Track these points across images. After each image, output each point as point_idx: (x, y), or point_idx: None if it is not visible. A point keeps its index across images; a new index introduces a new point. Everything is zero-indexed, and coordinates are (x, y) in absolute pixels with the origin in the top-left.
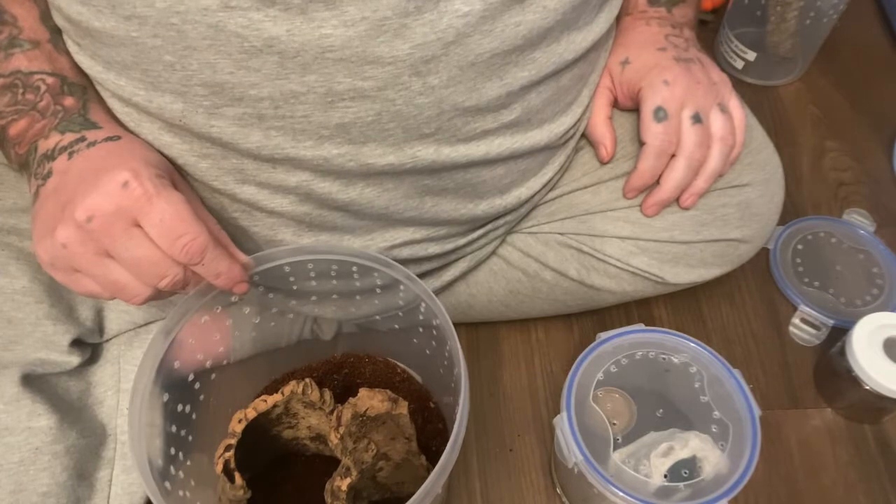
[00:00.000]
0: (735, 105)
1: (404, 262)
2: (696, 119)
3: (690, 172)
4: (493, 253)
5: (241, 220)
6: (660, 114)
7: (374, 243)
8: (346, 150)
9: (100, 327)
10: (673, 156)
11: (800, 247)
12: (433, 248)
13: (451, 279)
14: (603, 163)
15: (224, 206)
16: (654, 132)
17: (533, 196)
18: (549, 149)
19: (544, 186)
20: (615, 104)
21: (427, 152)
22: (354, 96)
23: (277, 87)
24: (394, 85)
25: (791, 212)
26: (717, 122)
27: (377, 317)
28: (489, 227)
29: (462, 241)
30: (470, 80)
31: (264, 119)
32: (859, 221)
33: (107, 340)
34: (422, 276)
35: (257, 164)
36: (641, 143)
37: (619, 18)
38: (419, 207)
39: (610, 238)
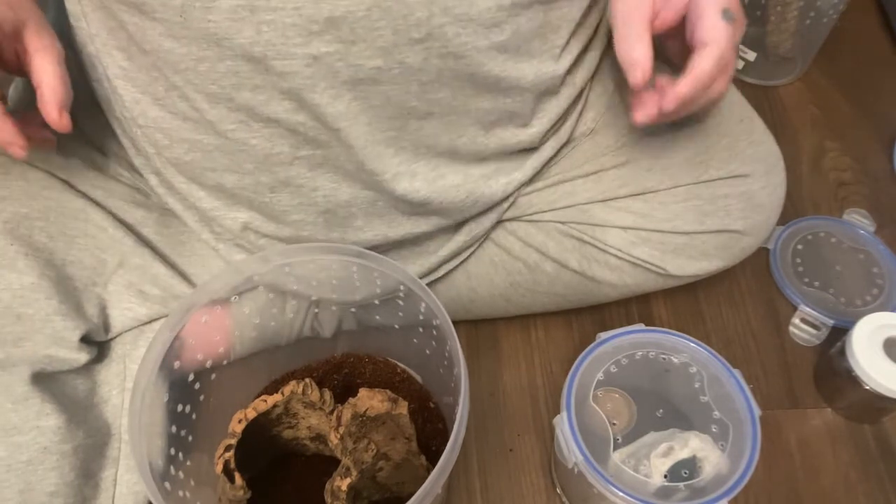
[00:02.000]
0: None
1: (399, 201)
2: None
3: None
4: (494, 242)
5: (239, 132)
6: (728, 14)
7: (363, 166)
8: (335, 48)
9: (105, 324)
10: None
11: (800, 247)
12: (419, 183)
13: (449, 255)
14: (636, 88)
15: (222, 117)
16: (723, 32)
17: (519, 151)
18: (536, 93)
19: (533, 153)
20: (653, 26)
21: (415, 60)
22: None
23: None
24: None
25: (791, 212)
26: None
27: (376, 301)
28: (478, 179)
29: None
30: None
31: (256, 11)
32: (859, 221)
33: (112, 339)
34: (419, 247)
35: (251, 66)
36: (694, 48)
37: None
38: (403, 128)
39: (611, 228)
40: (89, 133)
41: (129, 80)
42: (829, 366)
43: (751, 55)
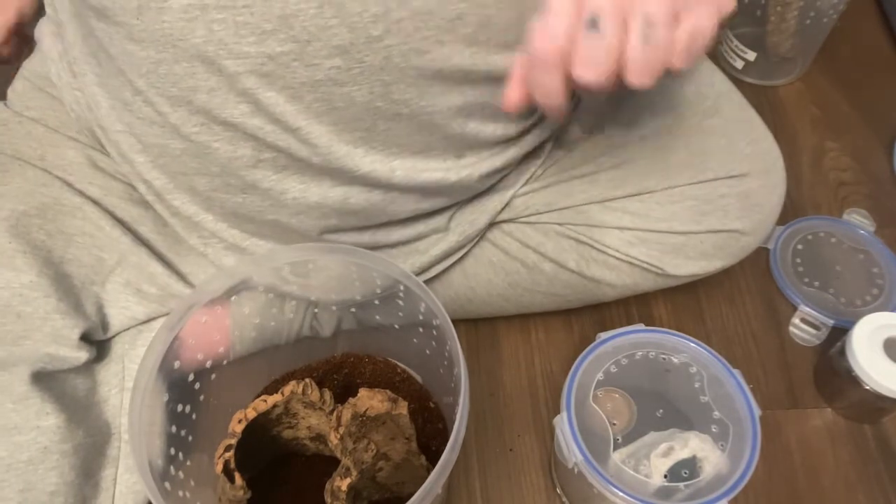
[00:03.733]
0: (660, 24)
1: (374, 187)
2: (592, 25)
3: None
4: (491, 243)
5: (202, 135)
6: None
7: (330, 165)
8: (290, 48)
9: (103, 323)
10: None
11: (800, 247)
12: (399, 178)
13: (441, 254)
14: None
15: (184, 120)
16: (530, 36)
17: (499, 143)
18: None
19: (513, 144)
20: None
21: (376, 59)
22: None
23: None
24: None
25: (791, 212)
26: (632, 43)
27: (377, 301)
28: (458, 168)
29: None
30: None
31: (207, 10)
32: (859, 221)
33: (111, 338)
34: (409, 246)
35: (205, 67)
36: None
37: None
38: (372, 129)
39: (609, 229)
40: (85, 131)
41: (103, 86)
42: (829, 366)
43: (751, 55)
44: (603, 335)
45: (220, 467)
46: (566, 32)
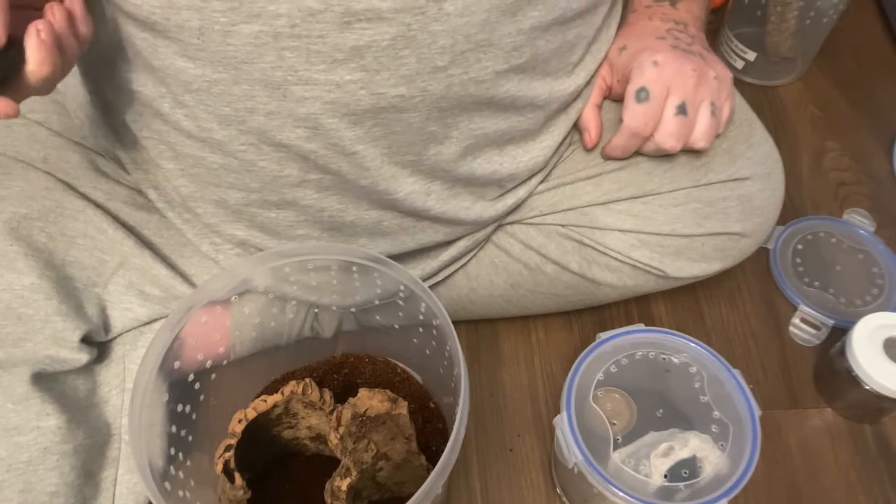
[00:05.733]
0: (727, 110)
1: (407, 214)
2: (681, 110)
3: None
4: (494, 244)
5: (248, 154)
6: (642, 94)
7: (376, 187)
8: (358, 77)
9: (105, 325)
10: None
11: (800, 247)
12: (433, 202)
13: (450, 259)
14: (587, 149)
15: (233, 137)
16: (632, 112)
17: (531, 174)
18: (548, 109)
19: (540, 168)
20: (609, 94)
21: (438, 87)
22: (371, 17)
23: (296, 4)
24: (410, 9)
25: (791, 212)
26: (702, 122)
27: (377, 301)
28: (489, 198)
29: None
30: (484, 12)
31: (279, 38)
32: (859, 221)
33: (112, 339)
34: (420, 251)
35: (268, 91)
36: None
37: (625, 15)
38: (422, 153)
39: (611, 231)
40: (90, 136)
41: (132, 92)
42: (829, 366)
43: (751, 55)
44: (603, 335)
45: (220, 467)
46: (659, 114)
